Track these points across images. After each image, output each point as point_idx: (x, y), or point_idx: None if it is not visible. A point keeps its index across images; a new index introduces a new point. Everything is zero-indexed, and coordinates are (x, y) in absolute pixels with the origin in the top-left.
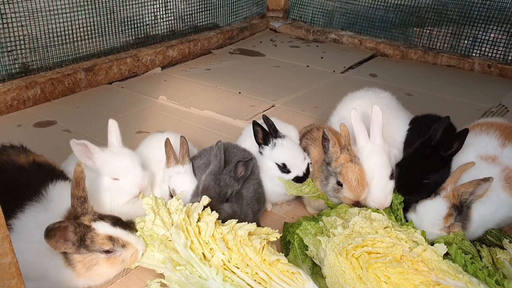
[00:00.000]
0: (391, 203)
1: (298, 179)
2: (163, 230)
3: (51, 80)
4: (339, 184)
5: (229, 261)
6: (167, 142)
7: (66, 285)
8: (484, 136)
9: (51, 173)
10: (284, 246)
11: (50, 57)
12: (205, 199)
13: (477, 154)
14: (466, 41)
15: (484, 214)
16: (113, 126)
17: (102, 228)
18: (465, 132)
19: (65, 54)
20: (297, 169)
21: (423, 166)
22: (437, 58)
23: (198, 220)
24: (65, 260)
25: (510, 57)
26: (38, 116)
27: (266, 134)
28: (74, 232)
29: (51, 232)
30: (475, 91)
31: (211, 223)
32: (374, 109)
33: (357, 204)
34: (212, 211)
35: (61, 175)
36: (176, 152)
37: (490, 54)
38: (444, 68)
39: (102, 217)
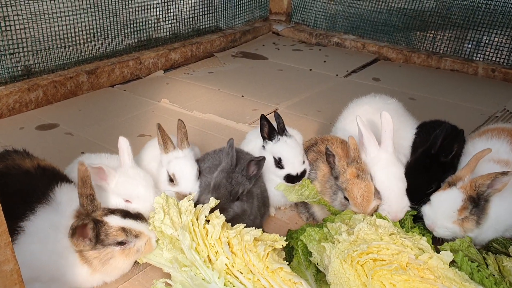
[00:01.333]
0: None
1: (289, 178)
2: (171, 230)
3: (53, 83)
4: (346, 199)
5: (232, 266)
6: (160, 127)
7: (80, 283)
8: (495, 141)
9: (56, 177)
10: (288, 252)
11: (52, 60)
12: (213, 201)
13: (490, 158)
14: (469, 45)
15: (500, 213)
16: (124, 145)
17: (114, 221)
18: (461, 133)
19: (68, 57)
20: (291, 167)
21: (425, 177)
22: (441, 62)
23: (207, 222)
24: (81, 258)
25: None
26: (41, 119)
27: (273, 130)
28: (92, 228)
29: (75, 230)
30: (479, 96)
31: (218, 226)
32: (383, 115)
33: None
34: (222, 210)
35: (65, 179)
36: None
37: (494, 59)
38: (447, 72)
39: (112, 211)
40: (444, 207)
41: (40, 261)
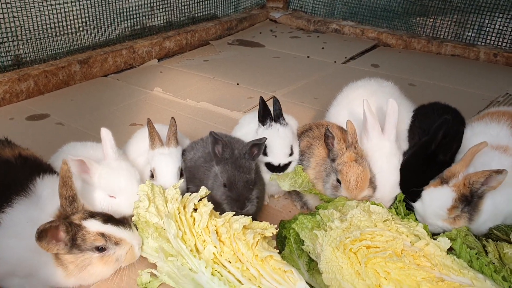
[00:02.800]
0: None
1: (270, 166)
2: (156, 218)
3: (44, 73)
4: (338, 181)
5: (220, 255)
6: (150, 123)
7: (55, 284)
8: (495, 125)
9: (38, 167)
10: (280, 242)
11: (43, 49)
12: (203, 190)
13: (488, 144)
14: (471, 30)
15: (498, 203)
16: (106, 136)
17: (93, 226)
18: (461, 133)
19: (59, 46)
20: (274, 157)
21: (422, 176)
22: (441, 47)
23: (195, 211)
24: (56, 260)
25: None
26: (31, 109)
27: (267, 115)
28: (66, 231)
29: (42, 233)
30: (480, 81)
31: (205, 214)
32: (390, 103)
33: None
34: (248, 200)
35: (48, 169)
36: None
37: (496, 43)
38: (448, 58)
39: (92, 215)
40: (434, 206)
41: (15, 256)
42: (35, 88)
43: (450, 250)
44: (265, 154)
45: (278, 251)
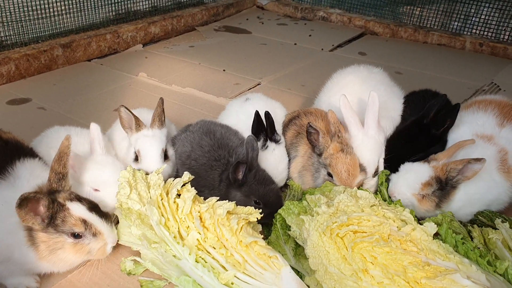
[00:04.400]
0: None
1: None
2: (138, 205)
3: (26, 56)
4: (330, 175)
5: (204, 241)
6: (126, 109)
7: (29, 266)
8: (481, 114)
9: (18, 151)
10: (266, 227)
11: (25, 32)
12: (186, 175)
13: (473, 133)
14: (457, 20)
15: (472, 193)
16: (95, 132)
17: (77, 210)
18: (457, 107)
19: (41, 30)
20: None
21: (410, 146)
22: (428, 36)
23: (178, 196)
24: (29, 238)
25: (502, 36)
26: (12, 93)
27: (260, 129)
28: (47, 207)
29: (23, 202)
30: (466, 70)
31: (188, 200)
32: (371, 95)
33: None
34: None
35: (29, 153)
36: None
37: (481, 33)
38: (434, 47)
39: (79, 199)
40: (409, 176)
41: None
42: (16, 72)
43: (436, 235)
44: None
45: (263, 236)
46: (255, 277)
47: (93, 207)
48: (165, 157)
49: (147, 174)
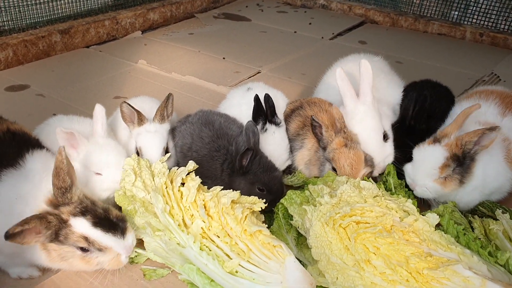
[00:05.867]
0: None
1: None
2: (143, 193)
3: (24, 42)
4: (334, 169)
5: (209, 229)
6: (127, 105)
7: (39, 265)
8: (483, 103)
9: (26, 142)
10: (268, 217)
11: (23, 18)
12: (191, 164)
13: (476, 120)
14: (458, 9)
15: (487, 173)
16: (99, 113)
17: (79, 227)
18: (425, 97)
19: (39, 15)
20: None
21: (403, 150)
22: (428, 26)
23: (182, 185)
24: (41, 245)
25: (502, 26)
26: (10, 79)
27: (259, 114)
28: (46, 228)
29: (14, 235)
30: (466, 60)
31: (193, 188)
32: (362, 63)
33: None
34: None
35: (37, 144)
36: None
37: (482, 23)
38: (435, 36)
39: (84, 212)
40: (425, 164)
41: (1, 233)
42: (14, 58)
43: (438, 226)
44: None
45: (267, 225)
46: (259, 265)
47: (99, 221)
48: (166, 151)
49: None
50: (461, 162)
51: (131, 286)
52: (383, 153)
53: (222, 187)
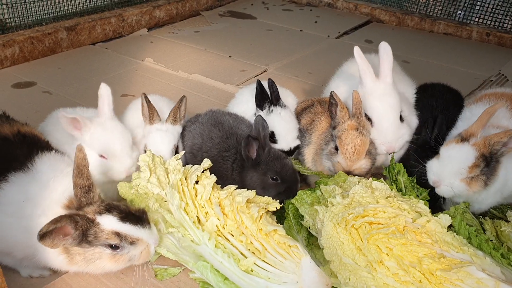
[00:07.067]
0: (389, 173)
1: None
2: (158, 189)
3: (30, 39)
4: (336, 148)
5: (223, 227)
6: (146, 98)
7: (54, 266)
8: None
9: (36, 145)
10: (278, 217)
11: (29, 14)
12: (206, 162)
13: (489, 124)
14: (464, 9)
15: (509, 176)
16: (105, 92)
17: (108, 224)
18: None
19: (46, 12)
20: (285, 143)
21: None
22: (434, 25)
23: (196, 183)
24: (63, 249)
25: (509, 26)
26: (17, 76)
27: (264, 98)
28: (74, 228)
29: (45, 235)
30: (473, 60)
31: (208, 186)
32: (383, 45)
33: (348, 174)
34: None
35: (46, 146)
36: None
37: (488, 22)
38: (441, 36)
39: (109, 209)
40: (455, 162)
41: (12, 237)
42: (21, 54)
43: (449, 227)
44: (273, 141)
45: (282, 226)
46: (275, 265)
47: (126, 215)
48: (176, 152)
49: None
50: (488, 163)
51: (142, 286)
52: (398, 132)
53: (236, 186)
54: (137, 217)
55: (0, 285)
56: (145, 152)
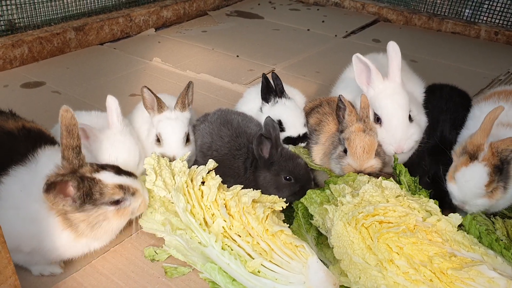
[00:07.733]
0: (396, 172)
1: (289, 140)
2: (164, 192)
3: (39, 39)
4: (345, 151)
5: (230, 229)
6: (148, 89)
7: (62, 251)
8: (503, 104)
9: (40, 139)
10: (287, 216)
11: (38, 15)
12: (211, 163)
13: (498, 122)
14: (472, 8)
15: None
16: (113, 105)
17: (109, 178)
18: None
19: (54, 12)
20: (293, 129)
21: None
22: (442, 24)
23: (202, 184)
24: (64, 221)
25: None
26: (26, 76)
27: (269, 91)
28: (77, 187)
29: (51, 186)
30: (481, 59)
31: (214, 187)
32: (391, 45)
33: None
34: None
35: (50, 140)
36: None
37: (497, 21)
38: (449, 35)
39: (103, 167)
40: (471, 186)
41: (16, 229)
42: (30, 54)
43: (460, 227)
44: (281, 129)
45: (288, 225)
46: (282, 265)
47: (119, 169)
48: (187, 139)
49: (170, 160)
50: (501, 170)
51: (152, 284)
52: (407, 131)
53: (242, 186)
54: (128, 172)
55: (13, 284)
56: (158, 140)
